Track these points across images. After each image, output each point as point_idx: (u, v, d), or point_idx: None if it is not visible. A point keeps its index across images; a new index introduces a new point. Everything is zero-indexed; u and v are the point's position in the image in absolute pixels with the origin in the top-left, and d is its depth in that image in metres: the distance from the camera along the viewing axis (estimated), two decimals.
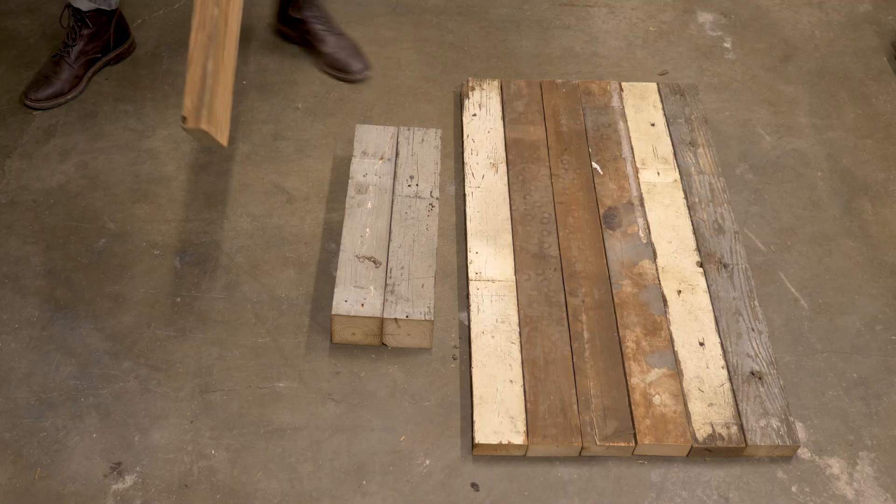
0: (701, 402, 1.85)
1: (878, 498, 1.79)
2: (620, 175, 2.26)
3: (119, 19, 2.46)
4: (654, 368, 1.89)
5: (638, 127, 2.38)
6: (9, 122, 2.37)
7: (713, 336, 1.96)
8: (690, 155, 2.32)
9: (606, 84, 2.48)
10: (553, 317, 1.97)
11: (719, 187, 2.24)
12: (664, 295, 2.02)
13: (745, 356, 1.92)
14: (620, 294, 2.01)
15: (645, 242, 2.12)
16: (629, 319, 1.97)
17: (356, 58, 2.52)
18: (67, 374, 1.88)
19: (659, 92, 2.47)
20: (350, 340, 1.95)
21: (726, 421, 1.82)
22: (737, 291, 2.03)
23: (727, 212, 2.19)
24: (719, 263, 2.08)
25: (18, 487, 1.72)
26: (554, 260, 2.07)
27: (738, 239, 2.13)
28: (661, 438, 1.79)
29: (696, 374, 1.89)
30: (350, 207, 2.10)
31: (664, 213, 2.18)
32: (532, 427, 1.79)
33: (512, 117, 2.37)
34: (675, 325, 1.97)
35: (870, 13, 2.87)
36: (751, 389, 1.87)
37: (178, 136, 2.36)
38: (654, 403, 1.84)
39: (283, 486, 1.75)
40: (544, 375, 1.87)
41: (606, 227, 2.14)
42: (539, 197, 2.19)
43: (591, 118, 2.39)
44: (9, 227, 2.14)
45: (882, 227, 2.26)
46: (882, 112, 2.55)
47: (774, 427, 1.81)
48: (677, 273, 2.06)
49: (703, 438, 1.79)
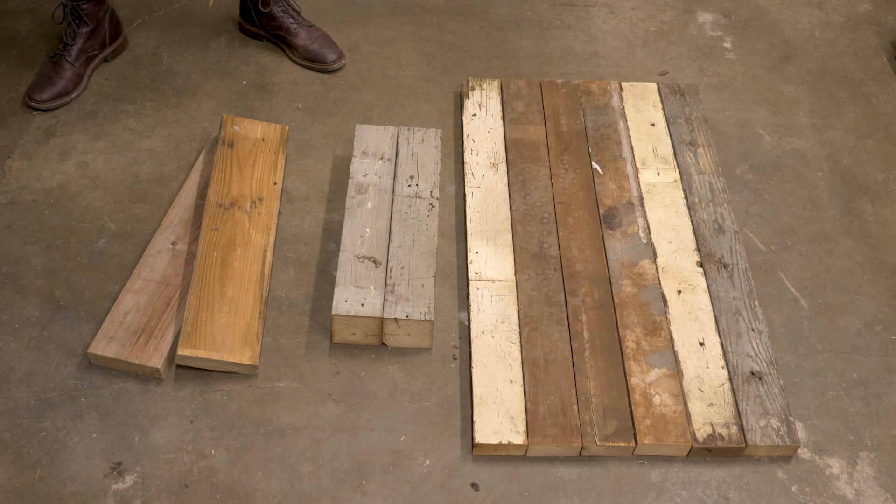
0: (701, 402, 1.85)
1: (878, 498, 1.79)
2: (620, 175, 2.26)
3: (112, 14, 2.47)
4: (655, 368, 1.89)
5: (638, 127, 2.38)
6: (9, 122, 2.37)
7: (713, 336, 1.96)
8: (690, 155, 2.32)
9: (606, 84, 2.48)
10: (553, 317, 1.97)
11: (719, 187, 2.24)
12: (664, 295, 2.02)
13: (745, 356, 1.92)
14: (620, 294, 2.01)
15: (645, 242, 2.12)
16: (629, 319, 1.97)
17: (330, 47, 2.54)
18: (67, 374, 1.88)
19: (659, 92, 2.47)
20: (350, 340, 1.95)
21: (726, 421, 1.82)
22: (737, 291, 2.03)
23: (727, 212, 2.19)
24: (719, 263, 2.08)
25: (18, 487, 1.72)
26: (554, 260, 2.07)
27: (738, 239, 2.13)
28: (662, 438, 1.79)
29: (696, 374, 1.89)
30: (350, 207, 2.10)
31: (664, 213, 2.18)
32: (532, 427, 1.79)
33: (512, 117, 2.37)
34: (675, 325, 1.97)
35: (870, 13, 2.87)
36: (751, 389, 1.87)
37: (178, 136, 2.36)
38: (655, 403, 1.84)
39: (283, 486, 1.75)
40: (544, 375, 1.87)
41: (606, 227, 2.14)
42: (539, 197, 2.19)
43: (591, 118, 2.39)
44: (9, 227, 2.14)
45: (882, 227, 2.26)
46: (882, 112, 2.55)
47: (774, 427, 1.81)
48: (677, 273, 2.06)
49: (703, 438, 1.79)
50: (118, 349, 1.86)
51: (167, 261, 2.02)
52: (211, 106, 2.44)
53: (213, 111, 2.43)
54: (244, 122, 2.27)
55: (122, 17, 2.67)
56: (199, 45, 2.61)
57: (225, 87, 2.50)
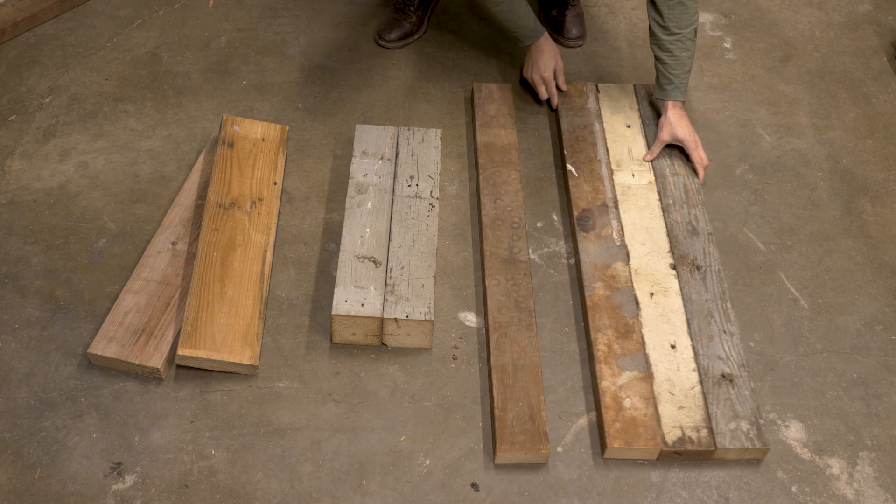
0: (671, 406, 1.83)
1: (878, 498, 1.79)
2: (595, 177, 2.24)
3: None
4: (626, 371, 1.87)
5: (614, 129, 2.36)
6: (9, 122, 2.37)
7: (685, 338, 1.94)
8: (665, 156, 2.30)
9: (583, 85, 2.46)
10: (522, 322, 1.95)
11: (694, 189, 2.22)
12: (637, 297, 2.00)
13: (717, 359, 1.90)
14: (593, 297, 1.99)
15: (618, 244, 2.10)
16: (601, 322, 1.95)
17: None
18: (67, 374, 1.88)
19: (635, 93, 2.45)
20: (350, 340, 1.95)
21: (696, 424, 1.80)
22: (709, 293, 2.02)
23: (701, 213, 2.17)
24: (692, 265, 2.06)
25: (18, 487, 1.72)
26: (524, 265, 2.06)
27: (711, 240, 2.11)
28: (631, 442, 1.77)
29: (667, 377, 1.87)
30: (350, 207, 2.10)
31: (638, 215, 2.16)
32: (500, 434, 1.77)
33: (483, 121, 2.36)
34: (647, 328, 1.95)
35: (870, 13, 2.87)
36: (721, 392, 1.85)
37: (178, 136, 2.36)
38: (625, 406, 1.82)
39: (283, 486, 1.75)
40: (513, 382, 1.86)
41: (580, 229, 2.12)
42: (509, 201, 2.17)
43: (566, 120, 2.37)
44: (9, 227, 2.14)
45: (882, 227, 2.26)
46: (882, 112, 2.55)
47: (744, 430, 1.80)
48: (650, 275, 2.04)
49: (673, 442, 1.78)
50: (118, 349, 1.86)
51: (167, 261, 2.02)
52: (211, 106, 2.44)
53: (213, 111, 2.43)
54: (244, 122, 2.27)
55: (121, 17, 2.68)
56: (199, 45, 2.61)
57: (225, 87, 2.50)
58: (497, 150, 2.28)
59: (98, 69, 2.52)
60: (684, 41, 2.16)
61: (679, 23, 2.14)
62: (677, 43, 2.16)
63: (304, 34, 2.67)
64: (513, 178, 2.22)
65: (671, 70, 2.20)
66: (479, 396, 1.89)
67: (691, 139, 2.23)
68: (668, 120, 2.23)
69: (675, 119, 2.23)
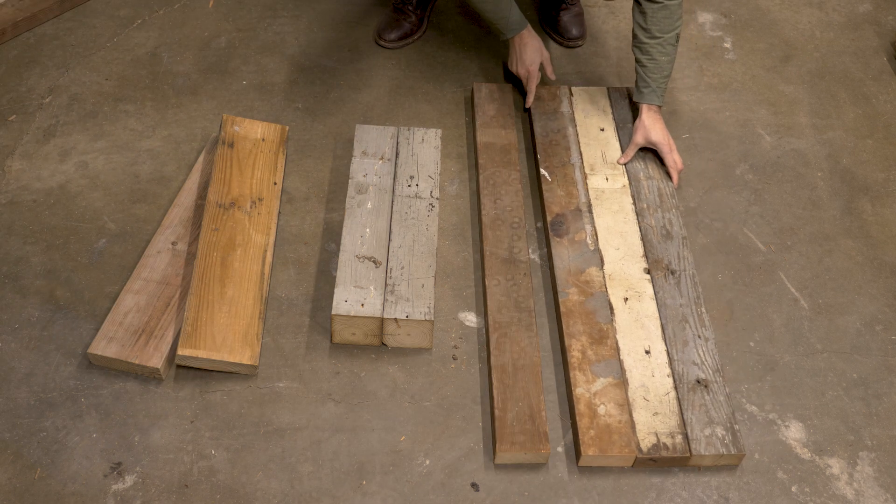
0: (646, 412, 1.81)
1: (878, 498, 1.79)
2: (569, 181, 2.22)
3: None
4: (600, 378, 1.86)
5: (587, 132, 2.34)
6: (9, 122, 2.37)
7: (659, 344, 1.92)
8: (639, 160, 2.29)
9: (556, 89, 2.45)
10: (522, 322, 1.95)
11: (668, 192, 2.20)
12: (611, 303, 1.98)
13: (691, 364, 1.89)
14: (567, 302, 1.98)
15: (592, 249, 2.08)
16: (575, 328, 1.93)
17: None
18: (67, 374, 1.88)
19: (609, 96, 2.44)
20: (350, 340, 1.95)
21: (671, 430, 1.79)
22: (683, 298, 2.00)
23: (675, 217, 2.15)
24: (666, 270, 2.04)
25: (18, 487, 1.72)
26: (524, 265, 2.05)
27: (685, 245, 2.09)
28: (606, 449, 1.76)
29: (641, 383, 1.86)
30: (350, 207, 2.10)
31: (612, 220, 2.14)
32: (500, 434, 1.77)
33: (483, 121, 2.35)
34: (622, 334, 1.93)
35: (870, 13, 2.87)
36: (696, 398, 1.83)
37: (178, 136, 2.36)
38: (599, 413, 1.80)
39: (283, 486, 1.75)
40: (513, 382, 1.86)
41: (554, 234, 2.11)
42: (509, 201, 2.17)
43: (539, 124, 2.36)
44: (9, 227, 2.14)
45: (882, 227, 2.26)
46: (882, 112, 2.55)
47: (719, 436, 1.78)
48: (624, 280, 2.03)
49: (648, 448, 1.76)
50: (118, 349, 1.86)
51: (167, 261, 2.02)
52: (211, 106, 2.44)
53: (213, 111, 2.43)
54: (244, 122, 2.27)
55: (121, 17, 2.68)
56: (199, 45, 2.61)
57: (225, 87, 2.50)
58: (497, 150, 2.28)
59: (98, 69, 2.52)
60: (665, 46, 2.16)
61: (662, 27, 2.14)
62: (658, 47, 2.16)
63: (304, 34, 2.67)
64: (513, 178, 2.22)
65: (650, 74, 2.19)
66: (479, 396, 1.89)
67: (665, 143, 2.22)
68: (643, 123, 2.22)
69: (650, 122, 2.22)
